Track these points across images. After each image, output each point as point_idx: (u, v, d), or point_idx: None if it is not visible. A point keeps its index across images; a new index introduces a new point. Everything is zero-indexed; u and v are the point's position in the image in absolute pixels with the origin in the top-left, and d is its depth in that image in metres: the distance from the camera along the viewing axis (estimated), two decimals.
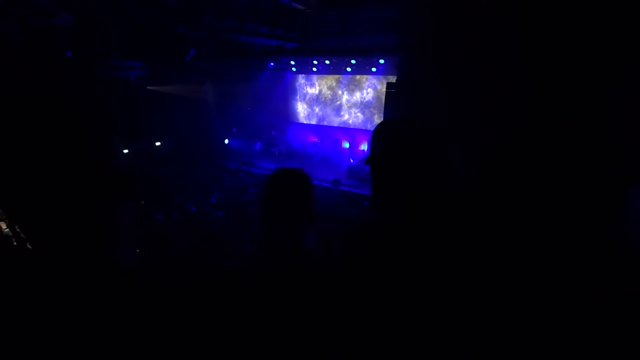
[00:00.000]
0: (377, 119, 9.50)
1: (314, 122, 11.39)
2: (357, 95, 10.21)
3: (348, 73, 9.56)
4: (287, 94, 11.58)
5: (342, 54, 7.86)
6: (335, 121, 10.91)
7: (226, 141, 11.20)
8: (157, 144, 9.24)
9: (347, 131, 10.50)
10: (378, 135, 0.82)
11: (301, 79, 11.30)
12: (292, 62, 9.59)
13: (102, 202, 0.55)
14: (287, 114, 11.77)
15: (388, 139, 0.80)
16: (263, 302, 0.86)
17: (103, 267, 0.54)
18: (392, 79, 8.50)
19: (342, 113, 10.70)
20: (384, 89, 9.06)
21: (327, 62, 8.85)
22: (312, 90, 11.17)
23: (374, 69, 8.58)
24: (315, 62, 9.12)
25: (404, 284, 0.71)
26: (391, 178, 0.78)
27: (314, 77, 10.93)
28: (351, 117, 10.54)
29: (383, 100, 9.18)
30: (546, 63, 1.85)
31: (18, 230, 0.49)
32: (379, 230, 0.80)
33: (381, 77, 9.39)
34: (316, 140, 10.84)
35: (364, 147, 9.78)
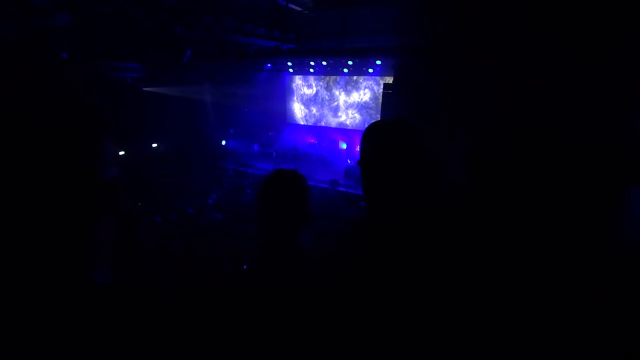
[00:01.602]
0: (375, 120, 9.44)
1: (311, 122, 11.39)
2: (355, 96, 10.24)
3: (345, 74, 9.59)
4: (284, 94, 11.58)
5: (339, 55, 7.88)
6: (332, 122, 10.92)
7: (223, 142, 11.18)
8: (154, 145, 9.20)
9: (345, 132, 10.52)
10: (368, 137, 0.83)
11: (298, 80, 11.31)
12: (289, 63, 9.60)
13: (78, 217, 0.50)
14: (285, 115, 11.77)
15: (378, 140, 0.81)
16: (260, 302, 0.86)
17: (78, 286, 0.51)
18: (389, 79, 8.53)
19: (339, 114, 10.71)
20: (381, 90, 9.09)
21: (324, 63, 8.86)
22: (309, 91, 11.18)
23: (370, 70, 8.60)
24: (312, 63, 9.13)
25: (396, 284, 0.71)
26: (381, 179, 0.78)
27: (311, 78, 10.94)
28: (348, 117, 10.55)
29: (380, 101, 9.22)
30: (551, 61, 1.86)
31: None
32: (370, 230, 0.81)
33: (378, 78, 9.42)
34: (313, 141, 10.84)
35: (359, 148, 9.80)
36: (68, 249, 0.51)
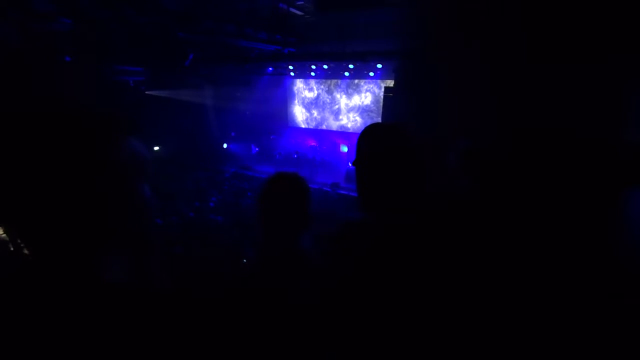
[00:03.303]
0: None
1: (312, 126, 11.42)
2: (356, 99, 10.26)
3: (346, 77, 9.62)
4: (285, 98, 11.62)
5: (340, 58, 7.91)
6: (333, 125, 10.94)
7: (225, 145, 11.21)
8: (156, 148, 9.23)
9: (346, 135, 10.53)
10: (364, 138, 0.84)
11: (299, 83, 11.35)
12: (291, 67, 9.64)
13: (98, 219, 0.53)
14: (286, 118, 11.81)
15: (373, 142, 0.82)
16: (262, 303, 0.86)
17: (90, 281, 0.52)
18: (390, 83, 8.55)
19: (340, 117, 10.74)
20: (383, 93, 9.11)
21: (325, 66, 8.90)
22: (311, 94, 11.22)
23: (371, 74, 8.62)
24: (313, 66, 9.17)
25: (396, 284, 0.71)
26: (375, 180, 0.79)
27: (312, 81, 10.98)
28: (350, 121, 10.57)
29: (381, 104, 9.24)
30: (549, 60, 1.86)
31: (15, 235, 0.49)
32: (367, 231, 0.81)
33: (379, 81, 9.44)
34: (315, 144, 10.86)
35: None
36: (86, 245, 0.52)
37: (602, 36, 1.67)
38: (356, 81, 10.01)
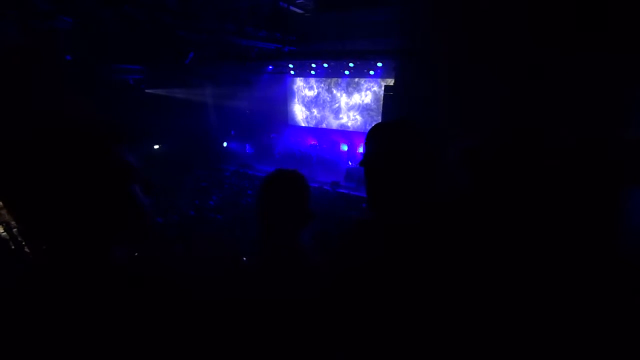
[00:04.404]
0: (376, 122, 9.35)
1: (312, 124, 11.41)
2: (356, 98, 10.25)
3: (346, 76, 9.61)
4: (285, 96, 11.61)
5: (340, 57, 7.90)
6: (333, 124, 10.94)
7: (225, 144, 11.21)
8: (156, 147, 9.23)
9: (346, 134, 10.53)
10: (372, 138, 0.84)
11: (299, 82, 11.34)
12: (291, 65, 9.63)
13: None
14: (286, 117, 11.80)
15: (381, 141, 0.81)
16: (262, 301, 0.86)
17: (101, 267, 0.54)
18: (390, 81, 8.54)
19: (340, 115, 10.73)
20: (383, 92, 9.10)
21: (325, 65, 8.89)
22: (311, 93, 11.21)
23: (371, 72, 8.61)
24: (313, 65, 9.16)
25: (400, 283, 0.71)
26: (384, 179, 0.79)
27: (312, 79, 10.96)
28: (350, 119, 10.56)
29: (382, 103, 9.23)
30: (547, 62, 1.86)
31: (16, 233, 0.50)
32: (373, 230, 0.81)
33: (379, 79, 9.43)
34: (314, 142, 10.87)
35: (362, 149, 9.80)
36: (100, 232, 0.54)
37: (604, 34, 1.66)
38: (356, 80, 10.00)
